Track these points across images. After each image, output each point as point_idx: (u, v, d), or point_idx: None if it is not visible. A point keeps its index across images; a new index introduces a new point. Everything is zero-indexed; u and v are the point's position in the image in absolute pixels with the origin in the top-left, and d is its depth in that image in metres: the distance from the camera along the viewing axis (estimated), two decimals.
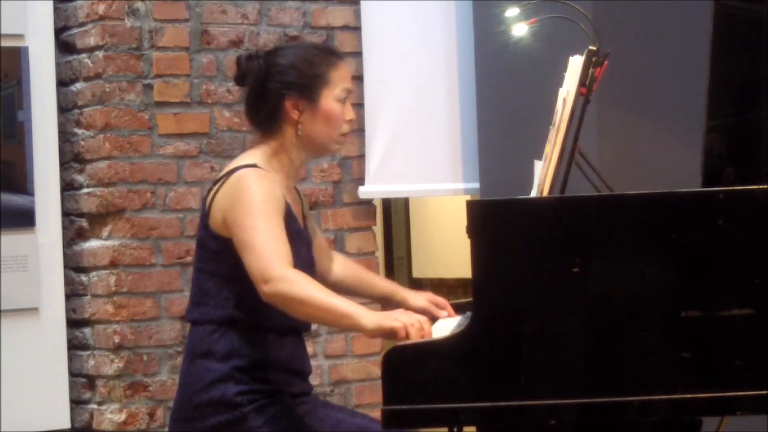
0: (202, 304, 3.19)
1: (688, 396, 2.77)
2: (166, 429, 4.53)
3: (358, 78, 5.28)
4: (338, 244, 5.23)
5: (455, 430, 3.01)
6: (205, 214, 3.18)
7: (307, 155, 3.28)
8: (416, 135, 5.25)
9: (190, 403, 3.15)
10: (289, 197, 3.20)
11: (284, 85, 3.19)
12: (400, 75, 5.25)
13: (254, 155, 3.21)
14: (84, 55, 4.87)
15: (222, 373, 3.12)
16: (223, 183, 3.16)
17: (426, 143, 5.25)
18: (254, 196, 3.07)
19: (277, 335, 3.17)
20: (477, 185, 5.16)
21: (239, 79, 3.26)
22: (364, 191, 5.25)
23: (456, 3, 5.22)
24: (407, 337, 2.90)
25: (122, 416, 4.79)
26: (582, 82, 3.02)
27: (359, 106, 5.27)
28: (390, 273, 10.48)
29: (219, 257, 3.16)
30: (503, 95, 4.88)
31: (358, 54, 5.28)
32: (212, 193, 3.17)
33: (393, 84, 5.24)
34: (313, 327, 5.11)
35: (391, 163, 5.23)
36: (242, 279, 3.09)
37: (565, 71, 3.13)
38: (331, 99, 3.20)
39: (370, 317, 2.96)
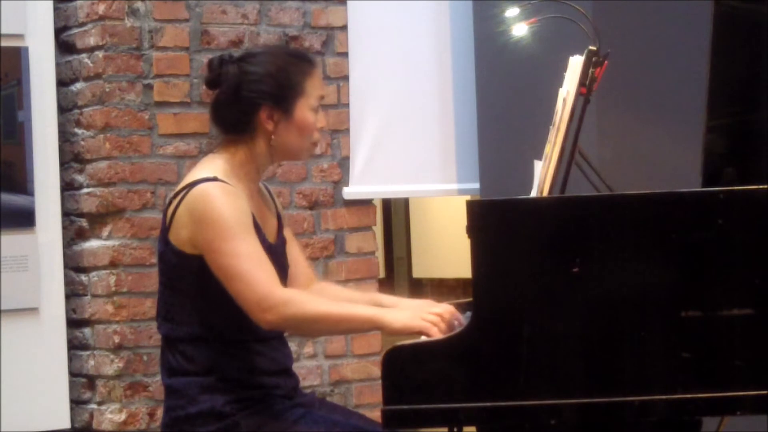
0: (168, 320, 3.13)
1: (688, 396, 2.77)
2: None
3: (345, 78, 5.27)
4: (338, 244, 5.23)
5: (455, 430, 3.01)
6: (166, 229, 3.10)
7: (274, 161, 3.22)
8: (404, 135, 5.25)
9: (178, 417, 3.09)
10: (253, 205, 3.13)
11: (259, 95, 3.12)
12: (387, 75, 5.25)
13: (215, 164, 3.13)
14: (84, 55, 4.87)
15: (207, 384, 3.07)
16: (183, 197, 3.07)
17: (415, 144, 5.24)
18: (224, 217, 3.00)
19: (253, 343, 3.12)
20: (472, 186, 5.16)
21: (211, 83, 3.18)
22: (348, 192, 5.24)
23: (450, 3, 5.21)
24: (437, 333, 2.90)
25: (122, 416, 4.79)
26: (582, 82, 3.02)
27: (345, 106, 5.27)
28: (390, 273, 10.50)
29: (179, 272, 3.09)
30: (503, 95, 4.88)
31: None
32: (172, 206, 3.09)
33: (379, 84, 5.24)
34: None
35: (377, 163, 5.23)
36: (204, 294, 3.06)
37: (565, 71, 3.13)
38: (306, 109, 3.14)
39: (392, 316, 2.96)
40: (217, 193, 3.04)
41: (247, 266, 2.98)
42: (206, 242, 3.02)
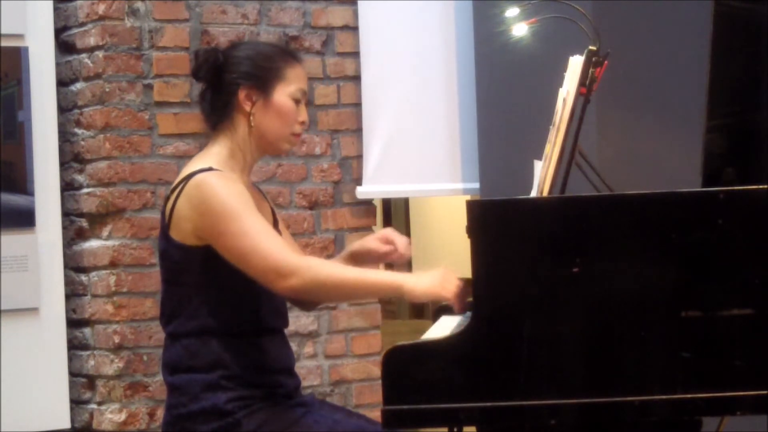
0: (175, 316, 3.13)
1: (688, 396, 2.77)
2: None
3: (356, 78, 5.28)
4: (338, 244, 5.23)
5: (455, 430, 3.01)
6: (166, 226, 3.11)
7: (258, 152, 3.23)
8: (414, 135, 5.25)
9: (180, 415, 3.10)
10: (251, 196, 3.16)
11: (239, 76, 3.16)
12: (398, 75, 5.25)
13: (208, 157, 3.17)
14: (84, 55, 4.87)
15: (209, 381, 3.07)
16: (181, 190, 3.09)
17: (424, 143, 5.25)
18: (226, 199, 3.03)
19: (256, 338, 3.12)
20: (476, 185, 5.16)
21: (196, 72, 3.22)
22: (362, 191, 5.25)
23: (455, 3, 5.22)
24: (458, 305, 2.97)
25: (122, 416, 4.79)
26: (582, 82, 3.03)
27: (356, 106, 5.28)
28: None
29: (183, 267, 3.10)
30: (503, 95, 4.88)
31: (357, 54, 5.29)
32: (171, 202, 3.10)
33: (390, 84, 5.24)
34: (312, 327, 5.12)
35: (388, 163, 5.23)
36: (210, 286, 3.07)
37: (565, 71, 3.13)
38: (284, 95, 3.17)
39: (413, 282, 2.95)
40: (215, 180, 3.06)
41: (258, 240, 3.00)
42: (211, 228, 3.03)
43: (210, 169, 3.10)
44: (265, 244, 2.99)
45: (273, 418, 3.08)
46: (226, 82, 3.18)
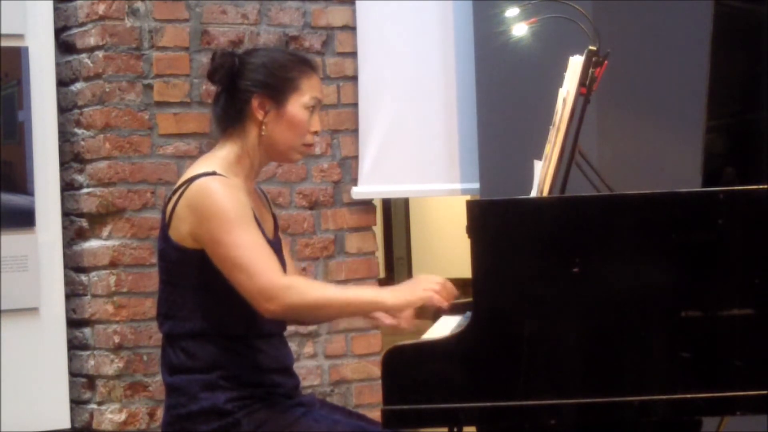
0: (170, 317, 3.13)
1: (688, 396, 2.77)
2: None
3: (356, 78, 5.28)
4: (338, 244, 5.23)
5: (455, 430, 3.01)
6: (165, 225, 3.12)
7: (266, 159, 3.23)
8: (413, 135, 5.25)
9: (179, 415, 3.10)
10: (251, 202, 3.15)
11: (253, 83, 3.15)
12: (395, 75, 5.25)
13: (213, 160, 3.16)
14: (84, 55, 4.87)
15: (208, 381, 3.07)
16: (182, 192, 3.09)
17: (423, 144, 5.25)
18: (225, 208, 3.02)
19: (252, 341, 3.13)
20: (475, 185, 5.17)
21: (211, 74, 3.21)
22: (357, 192, 5.25)
23: (454, 3, 5.22)
24: (440, 300, 2.94)
25: (122, 416, 4.79)
26: (582, 82, 3.03)
27: (356, 106, 5.28)
28: (390, 273, 10.50)
29: (181, 267, 3.10)
30: (503, 95, 4.89)
31: (357, 54, 5.29)
32: (172, 202, 3.11)
33: (387, 84, 5.25)
34: (312, 327, 5.12)
35: (387, 163, 5.23)
36: (206, 289, 3.07)
37: (565, 71, 3.13)
38: (298, 105, 3.16)
39: (393, 296, 2.98)
40: (217, 186, 3.06)
41: (249, 256, 2.99)
42: (207, 235, 3.03)
43: (213, 173, 3.09)
44: (254, 263, 2.99)
45: (272, 418, 3.08)
46: (240, 88, 3.17)
